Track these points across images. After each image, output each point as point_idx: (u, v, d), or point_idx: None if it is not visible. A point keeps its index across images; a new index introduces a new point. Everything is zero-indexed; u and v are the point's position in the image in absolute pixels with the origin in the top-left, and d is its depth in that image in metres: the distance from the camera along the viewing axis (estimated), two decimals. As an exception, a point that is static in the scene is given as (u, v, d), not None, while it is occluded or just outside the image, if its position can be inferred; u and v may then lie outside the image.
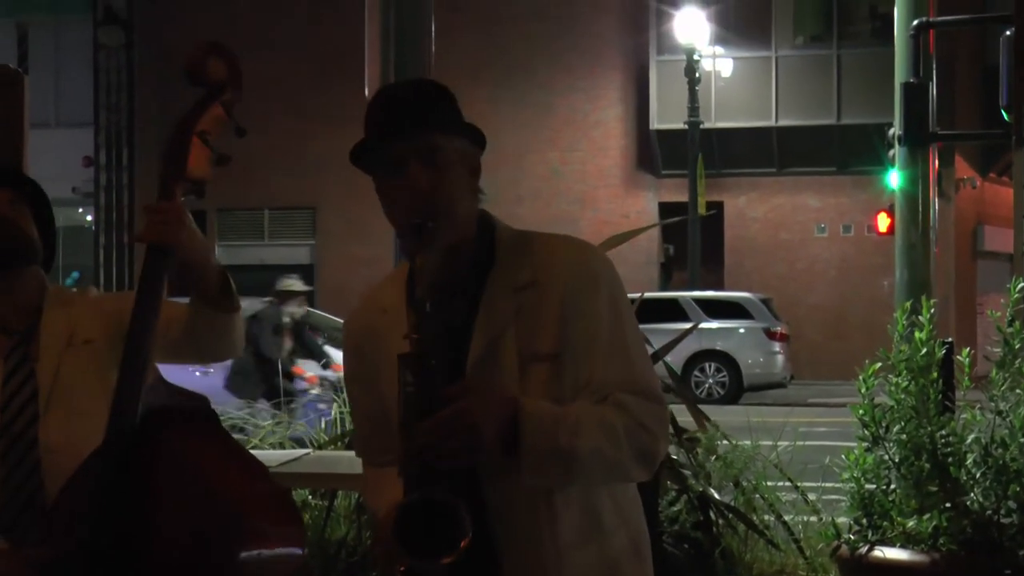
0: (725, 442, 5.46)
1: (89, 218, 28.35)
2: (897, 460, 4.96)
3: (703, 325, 17.90)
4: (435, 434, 2.41)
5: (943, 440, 4.88)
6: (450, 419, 2.41)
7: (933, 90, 13.68)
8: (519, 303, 2.59)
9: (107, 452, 2.73)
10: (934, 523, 4.72)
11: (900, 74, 13.78)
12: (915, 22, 13.96)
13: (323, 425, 5.96)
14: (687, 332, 7.13)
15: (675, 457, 5.30)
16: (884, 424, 4.99)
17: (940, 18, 14.79)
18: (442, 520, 2.39)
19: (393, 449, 2.57)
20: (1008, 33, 10.45)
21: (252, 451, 5.06)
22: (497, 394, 2.50)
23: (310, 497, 5.25)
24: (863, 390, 5.05)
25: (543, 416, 2.49)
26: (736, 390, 21.24)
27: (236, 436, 5.77)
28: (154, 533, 2.71)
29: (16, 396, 3.05)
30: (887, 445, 4.99)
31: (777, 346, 21.74)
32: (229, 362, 9.92)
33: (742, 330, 21.55)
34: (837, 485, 5.26)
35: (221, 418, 4.66)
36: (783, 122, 26.47)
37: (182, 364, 3.17)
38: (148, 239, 2.80)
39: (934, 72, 13.80)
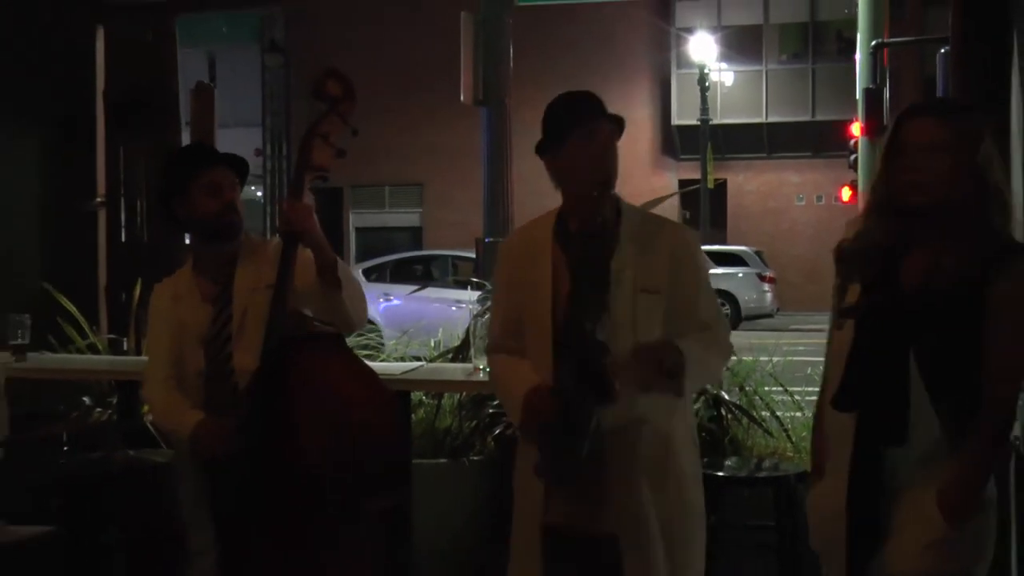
0: (734, 358, 5.37)
1: (259, 194, 28.59)
2: (862, 371, 4.87)
3: (711, 271, 17.73)
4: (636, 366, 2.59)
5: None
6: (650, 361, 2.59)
7: (887, 94, 13.43)
8: (638, 248, 2.80)
9: (263, 365, 2.85)
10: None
11: (861, 82, 13.54)
12: (873, 42, 13.69)
13: (433, 344, 5.93)
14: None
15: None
16: (851, 343, 4.91)
17: (892, 39, 14.52)
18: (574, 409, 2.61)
19: (520, 339, 2.80)
20: (943, 51, 10.23)
21: (383, 363, 5.09)
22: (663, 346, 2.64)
23: (424, 397, 5.24)
24: (836, 318, 4.96)
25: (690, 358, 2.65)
26: (736, 319, 21.05)
27: (369, 352, 5.80)
28: (293, 420, 2.82)
29: (221, 332, 3.08)
30: (854, 359, 4.90)
31: (767, 286, 21.56)
32: None
33: (740, 274, 21.34)
34: (816, 388, 5.17)
35: (361, 337, 4.68)
36: (771, 119, 26.15)
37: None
38: (281, 229, 2.93)
39: (888, 81, 13.54)
